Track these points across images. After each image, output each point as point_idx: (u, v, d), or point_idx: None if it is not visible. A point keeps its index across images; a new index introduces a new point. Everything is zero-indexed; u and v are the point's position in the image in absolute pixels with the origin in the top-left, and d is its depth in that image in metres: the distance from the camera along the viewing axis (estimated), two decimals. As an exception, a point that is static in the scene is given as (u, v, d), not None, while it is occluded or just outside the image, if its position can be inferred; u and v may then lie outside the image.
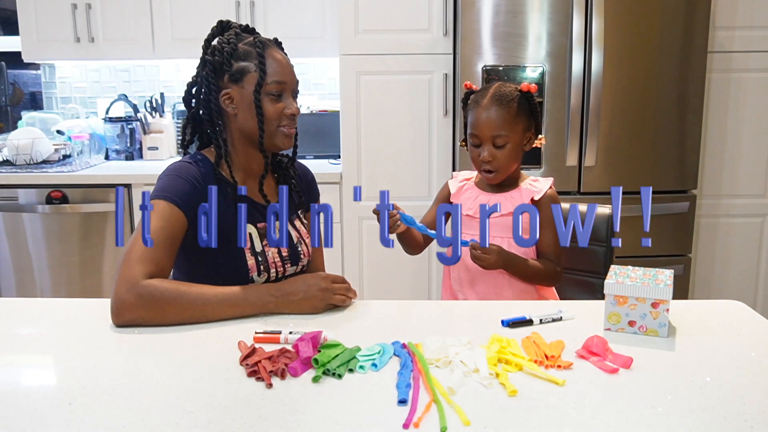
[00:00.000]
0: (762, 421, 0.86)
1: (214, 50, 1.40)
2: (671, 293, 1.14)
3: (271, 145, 1.43)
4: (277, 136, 1.42)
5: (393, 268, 2.90)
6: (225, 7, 2.95)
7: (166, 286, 1.23)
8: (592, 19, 2.51)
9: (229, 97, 1.40)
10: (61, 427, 0.85)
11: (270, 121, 1.40)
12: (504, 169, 1.57)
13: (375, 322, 1.24)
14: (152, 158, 3.24)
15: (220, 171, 1.41)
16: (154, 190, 1.36)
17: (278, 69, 1.40)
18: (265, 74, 1.38)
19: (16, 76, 3.50)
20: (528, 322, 1.21)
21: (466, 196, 1.65)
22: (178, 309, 1.22)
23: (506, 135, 1.53)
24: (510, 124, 1.54)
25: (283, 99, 1.41)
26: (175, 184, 1.35)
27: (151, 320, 1.21)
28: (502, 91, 1.56)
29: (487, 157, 1.54)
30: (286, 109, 1.41)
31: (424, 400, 0.92)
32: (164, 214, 1.31)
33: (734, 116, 2.81)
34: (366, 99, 2.80)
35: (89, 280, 2.90)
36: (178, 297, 1.22)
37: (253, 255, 1.41)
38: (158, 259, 1.27)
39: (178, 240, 1.33)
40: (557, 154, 2.62)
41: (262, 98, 1.39)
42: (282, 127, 1.41)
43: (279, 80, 1.39)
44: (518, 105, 1.55)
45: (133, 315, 1.20)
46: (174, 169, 1.39)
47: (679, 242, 2.72)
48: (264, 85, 1.38)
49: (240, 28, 1.45)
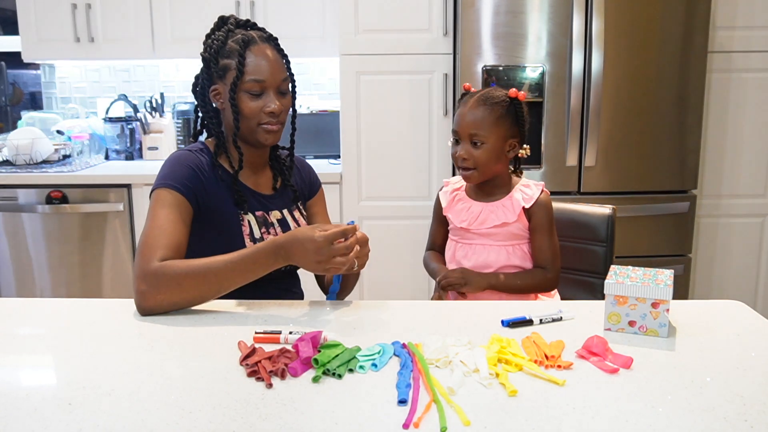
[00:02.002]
0: (762, 421, 0.86)
1: (206, 47, 1.44)
2: (671, 293, 1.14)
3: (254, 141, 1.45)
4: (258, 132, 1.43)
5: (393, 268, 2.90)
6: (225, 7, 2.95)
7: (178, 264, 1.26)
8: (592, 19, 2.51)
9: (217, 93, 1.45)
10: (61, 427, 0.85)
11: (248, 118, 1.41)
12: (481, 170, 1.56)
13: (375, 322, 1.24)
14: (152, 158, 3.24)
15: (219, 161, 1.45)
16: (157, 180, 1.41)
17: (258, 67, 1.40)
18: (242, 73, 1.39)
19: (16, 76, 3.50)
20: (528, 322, 1.21)
21: (458, 208, 1.65)
22: (194, 283, 1.25)
23: (484, 135, 1.53)
24: (489, 126, 1.53)
25: (263, 97, 1.41)
26: (177, 172, 1.39)
27: (172, 302, 1.25)
28: (490, 93, 1.56)
29: (463, 155, 1.55)
30: (266, 107, 1.41)
31: (424, 400, 0.92)
32: (169, 200, 1.35)
33: (734, 116, 2.81)
34: (366, 99, 2.80)
35: (89, 280, 2.90)
36: (191, 272, 1.25)
37: (252, 242, 1.43)
38: (169, 242, 1.31)
39: (188, 221, 1.37)
40: (557, 154, 2.62)
41: (239, 96, 1.40)
42: (263, 124, 1.42)
43: (257, 78, 1.39)
44: (503, 110, 1.54)
45: (151, 303, 1.24)
46: (175, 158, 1.43)
47: (679, 242, 2.72)
48: (240, 83, 1.39)
49: (236, 23, 1.47)
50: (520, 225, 1.58)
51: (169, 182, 1.38)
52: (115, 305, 1.33)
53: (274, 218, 1.50)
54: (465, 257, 1.61)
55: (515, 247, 1.59)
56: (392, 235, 2.87)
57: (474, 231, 1.60)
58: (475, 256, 1.60)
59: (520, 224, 1.58)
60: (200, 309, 1.30)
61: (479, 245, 1.60)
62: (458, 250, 1.64)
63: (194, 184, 1.39)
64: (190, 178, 1.39)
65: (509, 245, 1.59)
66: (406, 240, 2.87)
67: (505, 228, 1.58)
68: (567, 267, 1.71)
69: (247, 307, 1.31)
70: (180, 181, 1.38)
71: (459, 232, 1.64)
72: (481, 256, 1.59)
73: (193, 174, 1.40)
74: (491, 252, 1.59)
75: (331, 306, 1.33)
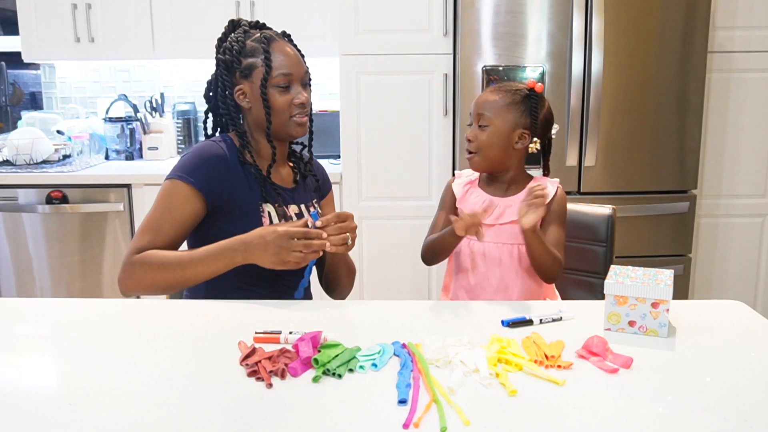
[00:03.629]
0: (762, 421, 0.86)
1: (225, 49, 1.48)
2: (671, 293, 1.14)
3: (286, 135, 1.49)
4: (290, 125, 1.48)
5: (393, 268, 2.90)
6: (225, 7, 2.95)
7: (151, 256, 1.35)
8: (592, 19, 2.51)
9: (243, 93, 1.48)
10: (61, 427, 0.85)
11: (280, 112, 1.46)
12: (483, 155, 1.54)
13: (375, 322, 1.24)
14: (152, 158, 3.24)
15: (244, 156, 1.48)
16: (177, 168, 1.43)
17: (284, 61, 1.46)
18: (270, 68, 1.44)
19: (16, 76, 3.50)
20: (528, 322, 1.21)
21: (472, 200, 1.60)
22: (162, 275, 1.34)
23: (489, 117, 1.53)
24: (497, 109, 1.53)
25: (291, 90, 1.47)
26: (198, 166, 1.42)
27: (142, 288, 1.36)
28: (511, 83, 1.59)
29: (468, 135, 1.55)
30: (295, 99, 1.46)
31: (424, 400, 0.92)
32: (179, 194, 1.40)
33: (734, 116, 2.81)
34: (366, 99, 2.80)
35: (89, 280, 2.90)
36: (161, 263, 1.34)
37: None
38: (161, 241, 1.38)
39: (192, 218, 1.41)
40: (557, 154, 2.62)
41: (269, 91, 1.45)
42: (294, 116, 1.47)
43: (285, 72, 1.45)
44: (516, 97, 1.54)
45: (127, 290, 1.38)
46: (199, 150, 1.45)
47: (679, 242, 2.72)
48: (270, 79, 1.45)
49: (249, 24, 1.53)
50: None
51: (185, 176, 1.40)
52: (115, 305, 1.33)
53: (293, 212, 1.52)
54: (470, 256, 1.57)
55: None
56: (392, 235, 2.87)
57: (488, 225, 1.53)
58: (486, 256, 1.55)
59: None
60: (200, 309, 1.30)
61: (491, 243, 1.55)
62: (466, 248, 1.57)
63: (213, 180, 1.41)
64: (210, 173, 1.42)
65: (522, 244, 1.52)
66: (406, 240, 2.87)
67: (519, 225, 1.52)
68: (567, 267, 1.71)
69: (247, 307, 1.31)
70: (197, 176, 1.40)
71: None
72: (495, 256, 1.54)
73: (214, 168, 1.42)
74: (503, 251, 1.54)
75: (331, 306, 1.33)
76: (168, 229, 1.39)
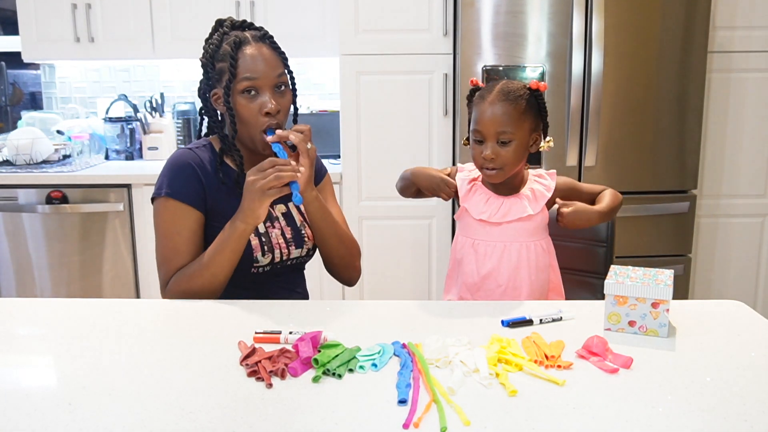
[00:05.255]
0: (762, 421, 0.86)
1: (203, 51, 1.43)
2: (671, 293, 1.14)
3: (254, 148, 1.42)
4: (260, 143, 1.40)
5: (393, 268, 2.90)
6: (225, 7, 2.95)
7: (180, 272, 1.39)
8: (592, 19, 2.51)
9: (218, 97, 1.42)
10: (61, 427, 0.85)
11: (247, 121, 1.38)
12: (507, 169, 1.49)
13: (375, 322, 1.24)
14: (152, 158, 3.24)
15: (225, 160, 1.46)
16: (159, 186, 1.42)
17: (249, 65, 1.36)
18: (234, 75, 1.35)
19: (16, 76, 3.50)
20: (528, 322, 1.21)
21: (476, 199, 1.55)
22: (196, 279, 1.37)
23: (512, 132, 1.46)
24: (516, 122, 1.46)
25: (259, 97, 1.37)
26: (178, 179, 1.40)
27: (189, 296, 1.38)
28: (510, 87, 1.49)
29: (490, 155, 1.46)
30: (262, 107, 1.36)
31: (424, 400, 0.92)
32: (172, 212, 1.39)
33: (734, 116, 2.81)
34: (366, 99, 2.80)
35: (89, 280, 2.90)
36: (190, 271, 1.38)
37: (256, 236, 1.43)
38: (177, 256, 1.40)
39: (197, 229, 1.42)
40: (557, 154, 2.62)
41: (236, 99, 1.37)
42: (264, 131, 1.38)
43: (248, 76, 1.35)
44: (526, 102, 1.48)
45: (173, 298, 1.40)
46: (172, 162, 1.44)
47: (679, 242, 2.72)
48: (234, 85, 1.36)
49: (232, 25, 1.44)
50: (543, 216, 1.53)
51: (170, 191, 1.39)
52: (115, 305, 1.33)
53: (279, 212, 1.49)
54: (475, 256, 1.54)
55: (535, 244, 1.52)
56: (392, 235, 2.87)
57: (494, 223, 1.51)
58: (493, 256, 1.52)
59: (543, 216, 1.53)
60: (200, 309, 1.30)
61: (498, 242, 1.51)
62: (470, 247, 1.54)
63: (193, 186, 1.40)
64: (187, 181, 1.40)
65: (530, 242, 1.51)
66: (406, 240, 2.87)
67: (529, 221, 1.51)
68: (567, 267, 1.71)
69: (247, 307, 1.31)
70: (178, 188, 1.39)
71: (474, 228, 1.54)
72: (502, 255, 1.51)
73: (189, 176, 1.40)
74: (512, 250, 1.51)
75: (331, 306, 1.33)
76: (184, 248, 1.40)
